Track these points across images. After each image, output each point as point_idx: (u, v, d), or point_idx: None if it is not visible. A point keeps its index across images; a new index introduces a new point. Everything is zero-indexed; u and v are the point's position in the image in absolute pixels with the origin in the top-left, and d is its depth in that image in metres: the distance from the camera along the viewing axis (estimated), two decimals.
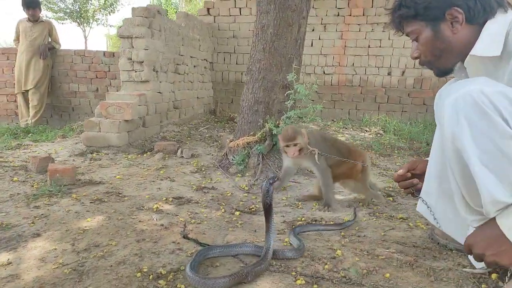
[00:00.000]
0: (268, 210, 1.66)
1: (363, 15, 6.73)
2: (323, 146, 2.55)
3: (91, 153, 3.73)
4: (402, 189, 1.79)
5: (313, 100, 7.03)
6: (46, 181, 2.76)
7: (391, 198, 2.76)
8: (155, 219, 2.18)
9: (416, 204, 1.84)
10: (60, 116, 7.05)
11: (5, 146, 4.18)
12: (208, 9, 7.14)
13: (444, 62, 1.49)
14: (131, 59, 4.46)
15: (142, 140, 4.27)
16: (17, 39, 6.55)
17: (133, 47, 4.45)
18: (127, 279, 1.54)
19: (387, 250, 1.87)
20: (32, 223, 2.06)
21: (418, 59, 1.56)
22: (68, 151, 3.82)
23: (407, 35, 1.57)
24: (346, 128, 5.65)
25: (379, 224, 2.25)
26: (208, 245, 1.82)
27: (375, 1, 6.68)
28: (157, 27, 4.65)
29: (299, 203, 2.61)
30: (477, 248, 1.27)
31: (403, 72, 6.67)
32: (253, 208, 2.47)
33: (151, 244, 1.86)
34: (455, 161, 1.27)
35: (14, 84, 6.56)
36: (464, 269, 1.66)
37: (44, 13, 13.95)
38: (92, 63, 6.95)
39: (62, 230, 1.98)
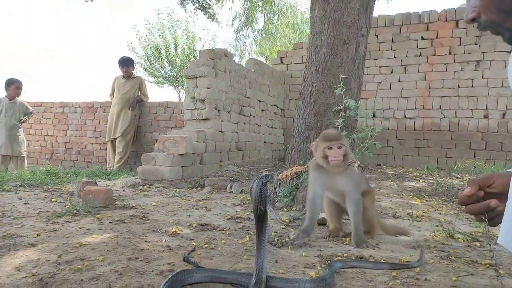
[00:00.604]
0: (261, 220, 1.25)
1: (450, 53, 6.08)
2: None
3: (143, 186, 3.67)
4: (473, 216, 1.11)
5: (392, 147, 6.33)
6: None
7: (477, 243, 2.06)
8: (164, 241, 1.88)
9: None
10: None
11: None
12: (281, 58, 7.20)
13: None
14: (194, 97, 4.52)
15: (197, 177, 4.12)
16: (112, 94, 7.25)
17: (197, 86, 4.53)
18: None
19: None
20: (37, 235, 1.91)
21: (477, 22, 1.07)
22: (124, 184, 3.82)
23: None
24: (431, 175, 4.82)
25: (452, 268, 1.61)
26: (199, 266, 1.44)
27: (463, 38, 6.03)
28: (222, 68, 4.71)
29: (347, 239, 2.07)
30: None
31: (504, 115, 5.67)
32: (285, 241, 2.01)
33: (141, 264, 1.54)
34: None
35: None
36: None
37: (147, 78, 15.80)
38: (173, 113, 7.36)
39: (60, 243, 1.79)
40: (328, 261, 1.66)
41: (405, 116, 6.24)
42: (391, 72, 6.37)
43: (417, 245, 2.00)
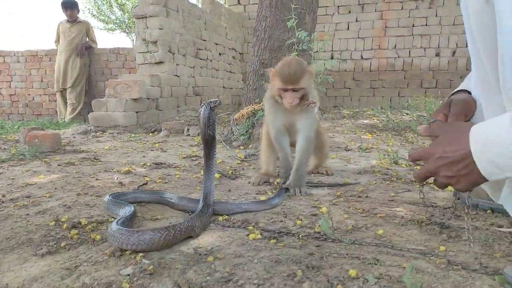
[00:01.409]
0: (209, 145, 1.25)
1: None
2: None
3: (96, 132, 3.55)
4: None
5: (349, 89, 6.46)
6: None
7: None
8: (116, 178, 1.86)
9: None
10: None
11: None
12: None
13: None
14: (145, 39, 4.29)
15: (154, 123, 4.04)
16: (57, 40, 6.71)
17: (147, 27, 4.29)
18: (35, 227, 1.21)
19: (391, 209, 1.37)
20: None
21: None
22: (75, 131, 3.68)
23: None
24: (383, 113, 5.01)
25: (392, 187, 1.73)
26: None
27: None
28: (174, 7, 4.46)
29: None
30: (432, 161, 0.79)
31: (454, 52, 5.88)
32: (239, 173, 2.06)
33: (90, 198, 1.53)
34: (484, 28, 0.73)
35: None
36: (500, 229, 1.13)
37: (96, 25, 14.75)
38: (126, 60, 7.00)
39: (4, 184, 1.73)
40: (278, 187, 1.73)
41: (362, 57, 6.31)
42: (349, 12, 6.32)
43: (363, 171, 2.12)
